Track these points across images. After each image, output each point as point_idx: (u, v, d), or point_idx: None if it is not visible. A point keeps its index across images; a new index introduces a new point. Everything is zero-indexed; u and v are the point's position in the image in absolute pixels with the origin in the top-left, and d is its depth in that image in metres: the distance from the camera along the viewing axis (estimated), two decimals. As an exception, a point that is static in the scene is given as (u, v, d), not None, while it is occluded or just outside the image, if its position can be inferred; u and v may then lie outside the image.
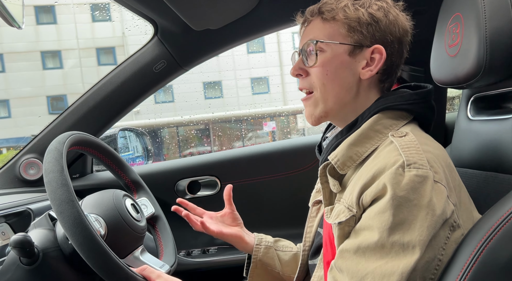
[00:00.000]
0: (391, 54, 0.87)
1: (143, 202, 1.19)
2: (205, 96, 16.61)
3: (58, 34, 16.41)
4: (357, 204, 0.76)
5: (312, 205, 1.04)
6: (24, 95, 15.52)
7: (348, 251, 0.75)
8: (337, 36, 0.87)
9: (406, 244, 0.69)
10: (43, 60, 16.44)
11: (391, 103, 0.84)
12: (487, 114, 0.96)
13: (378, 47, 0.85)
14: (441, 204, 0.71)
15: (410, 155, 0.74)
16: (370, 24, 0.85)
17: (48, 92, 15.77)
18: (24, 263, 0.92)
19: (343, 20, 0.86)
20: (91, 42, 16.41)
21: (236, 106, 16.27)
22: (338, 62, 0.86)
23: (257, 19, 1.42)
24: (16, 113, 15.51)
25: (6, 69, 16.27)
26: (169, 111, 15.56)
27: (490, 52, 0.79)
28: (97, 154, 1.13)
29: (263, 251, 1.15)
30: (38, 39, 16.30)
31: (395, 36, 0.87)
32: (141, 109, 14.97)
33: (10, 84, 16.04)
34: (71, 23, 16.28)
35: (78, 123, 1.44)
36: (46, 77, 16.30)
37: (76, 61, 16.28)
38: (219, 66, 16.36)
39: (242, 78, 16.77)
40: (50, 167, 0.87)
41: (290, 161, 1.66)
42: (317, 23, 0.89)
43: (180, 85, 15.27)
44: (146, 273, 0.92)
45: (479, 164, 0.93)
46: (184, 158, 1.74)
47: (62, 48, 16.39)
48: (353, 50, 0.86)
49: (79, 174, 1.55)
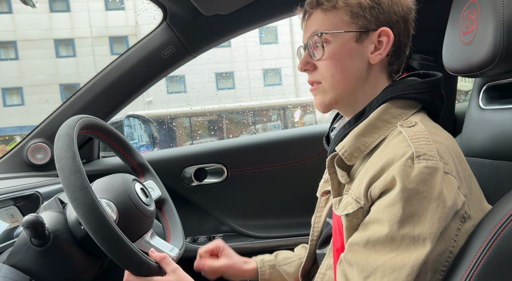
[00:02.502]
0: (398, 34, 0.85)
1: (150, 185, 1.19)
2: (218, 87, 16.64)
3: (72, 22, 16.51)
4: (365, 196, 0.75)
5: (321, 195, 1.03)
6: (38, 83, 15.69)
7: (358, 244, 0.74)
8: (341, 24, 0.85)
9: (416, 237, 0.68)
10: (57, 48, 16.58)
11: (400, 92, 0.83)
12: (500, 103, 0.94)
13: (385, 29, 0.84)
14: (452, 195, 0.70)
15: (419, 146, 0.72)
16: (372, 7, 0.83)
17: (61, 80, 15.93)
18: (35, 244, 0.92)
19: (344, 7, 0.84)
20: (104, 31, 16.49)
21: (248, 97, 16.27)
22: (346, 51, 0.85)
23: (268, 5, 1.40)
24: (30, 101, 15.71)
25: (20, 56, 16.44)
26: (181, 101, 15.62)
27: (507, 39, 0.77)
28: (105, 138, 1.13)
29: (269, 272, 1.14)
30: (52, 27, 16.42)
31: (400, 15, 0.85)
32: (153, 99, 15.08)
33: (23, 72, 16.22)
34: (84, 11, 16.35)
35: (86, 108, 1.43)
36: (59, 65, 16.45)
37: (89, 50, 16.38)
38: (232, 56, 16.37)
39: (254, 69, 16.74)
40: (62, 153, 0.86)
41: (297, 149, 1.64)
42: (318, 14, 0.87)
43: (193, 75, 15.32)
44: (164, 263, 0.92)
45: (491, 153, 0.92)
46: (190, 145, 1.73)
47: (76, 36, 16.50)
48: (359, 36, 0.84)
49: (86, 160, 1.55)
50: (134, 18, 16.73)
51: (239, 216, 1.66)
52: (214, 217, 1.66)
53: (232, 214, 1.66)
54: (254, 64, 16.75)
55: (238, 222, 1.66)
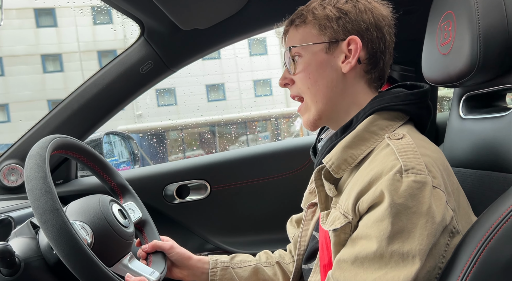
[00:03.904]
0: (370, 41, 0.86)
1: (130, 207, 1.16)
2: (208, 98, 16.66)
3: (59, 37, 16.44)
4: (353, 210, 0.74)
5: (307, 207, 1.01)
6: (24, 99, 15.52)
7: (346, 262, 0.73)
8: (310, 37, 0.87)
9: (406, 254, 0.67)
10: (44, 63, 16.47)
11: (387, 103, 0.83)
12: (480, 112, 0.95)
13: (352, 37, 0.85)
14: (441, 210, 0.69)
15: (407, 159, 0.72)
16: (339, 18, 0.85)
17: (49, 96, 15.79)
18: (5, 274, 0.88)
19: (313, 21, 0.87)
20: (92, 45, 16.45)
21: (239, 108, 16.31)
22: (317, 63, 0.87)
23: (246, 19, 1.40)
24: (16, 117, 15.52)
25: (6, 72, 16.30)
26: (172, 114, 15.59)
27: (484, 50, 0.79)
28: (81, 158, 1.10)
29: (220, 274, 1.11)
30: (39, 42, 16.33)
31: (370, 22, 0.85)
32: (143, 112, 15.04)
33: (9, 88, 16.07)
34: (72, 26, 16.31)
35: (61, 126, 1.40)
36: (46, 81, 16.33)
37: (77, 64, 16.31)
38: (222, 68, 16.44)
39: (245, 80, 16.82)
40: (32, 174, 0.83)
41: (282, 162, 1.63)
42: (291, 31, 0.91)
43: (184, 88, 15.33)
44: None
45: (473, 163, 0.92)
46: (172, 161, 1.70)
47: (63, 51, 16.43)
48: (329, 47, 0.86)
49: (63, 180, 1.51)
50: (122, 31, 16.73)
51: (223, 233, 1.63)
52: (197, 235, 1.63)
53: (216, 232, 1.63)
54: (244, 75, 16.83)
55: (223, 239, 1.63)
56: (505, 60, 0.80)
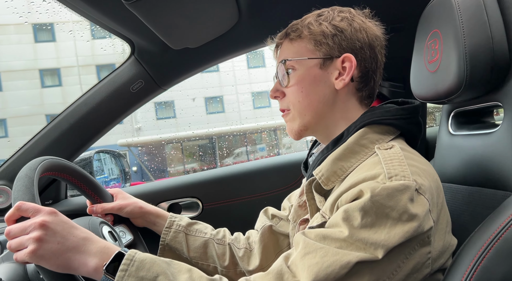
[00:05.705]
0: (363, 60, 0.87)
1: (121, 229, 1.15)
2: (207, 110, 16.68)
3: (57, 52, 16.49)
4: (331, 210, 0.75)
5: (299, 224, 1.00)
6: (22, 113, 15.50)
7: (310, 232, 0.73)
8: (305, 52, 0.88)
9: (369, 244, 0.68)
10: (42, 78, 16.49)
11: (377, 117, 0.84)
12: (469, 128, 0.95)
13: (347, 55, 0.86)
14: (420, 216, 0.69)
15: (392, 167, 0.72)
16: (335, 35, 0.86)
17: (47, 111, 15.77)
18: None
19: (308, 36, 0.88)
20: (90, 59, 16.50)
21: (238, 120, 16.33)
22: (311, 77, 0.87)
23: (236, 38, 1.40)
24: (14, 133, 15.47)
25: (4, 87, 16.30)
26: (171, 127, 15.59)
27: (471, 68, 0.80)
28: (71, 179, 1.09)
29: (171, 235, 1.15)
30: (37, 57, 16.37)
31: (364, 41, 0.87)
32: (142, 125, 15.03)
33: (7, 103, 16.05)
34: (70, 40, 16.37)
35: (51, 147, 1.38)
36: (45, 95, 16.34)
37: (76, 78, 16.34)
38: (220, 81, 16.49)
39: (243, 92, 16.87)
40: (20, 196, 0.83)
41: (274, 179, 1.62)
42: (285, 44, 0.92)
43: (182, 101, 15.35)
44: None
45: (463, 179, 0.92)
46: (164, 179, 1.68)
47: (61, 65, 16.46)
48: (323, 63, 0.87)
49: (52, 200, 1.49)
50: (121, 46, 16.79)
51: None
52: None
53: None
54: (243, 88, 16.88)
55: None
56: (491, 78, 0.80)
